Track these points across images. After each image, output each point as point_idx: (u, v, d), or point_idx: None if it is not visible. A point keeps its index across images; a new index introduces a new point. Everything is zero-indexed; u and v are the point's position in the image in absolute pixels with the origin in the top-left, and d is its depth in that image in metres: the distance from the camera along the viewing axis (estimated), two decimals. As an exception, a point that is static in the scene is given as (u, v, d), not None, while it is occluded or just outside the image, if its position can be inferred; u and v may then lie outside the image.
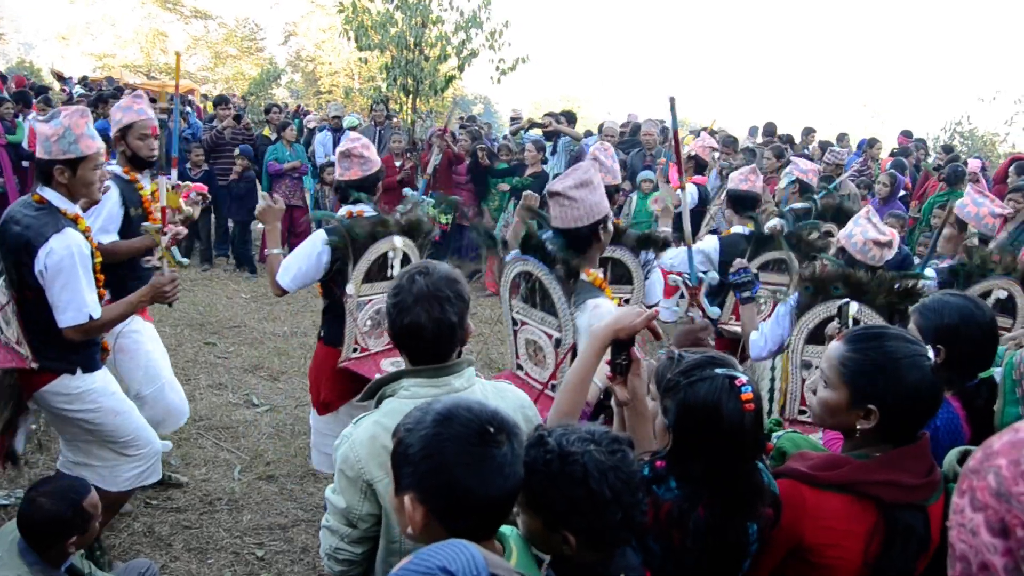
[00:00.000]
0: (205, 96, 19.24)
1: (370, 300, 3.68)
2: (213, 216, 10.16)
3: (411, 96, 11.29)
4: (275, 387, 6.07)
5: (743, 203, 4.80)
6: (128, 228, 3.88)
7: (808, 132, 12.82)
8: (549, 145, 9.97)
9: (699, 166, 7.53)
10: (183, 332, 7.19)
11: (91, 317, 3.09)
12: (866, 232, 3.42)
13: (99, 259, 3.29)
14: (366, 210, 3.75)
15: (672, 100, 3.11)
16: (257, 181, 10.15)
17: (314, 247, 3.56)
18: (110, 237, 3.81)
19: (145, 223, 3.70)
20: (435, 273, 1.95)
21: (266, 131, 10.77)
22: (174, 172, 4.02)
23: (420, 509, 1.41)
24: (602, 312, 2.74)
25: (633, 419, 1.95)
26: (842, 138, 13.16)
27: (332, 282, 3.61)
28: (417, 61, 10.97)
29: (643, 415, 1.93)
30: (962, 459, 1.88)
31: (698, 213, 7.15)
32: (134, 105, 3.95)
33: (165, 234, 3.40)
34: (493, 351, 7.19)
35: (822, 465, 1.81)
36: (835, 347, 1.85)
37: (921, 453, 1.79)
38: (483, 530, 1.44)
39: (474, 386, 1.99)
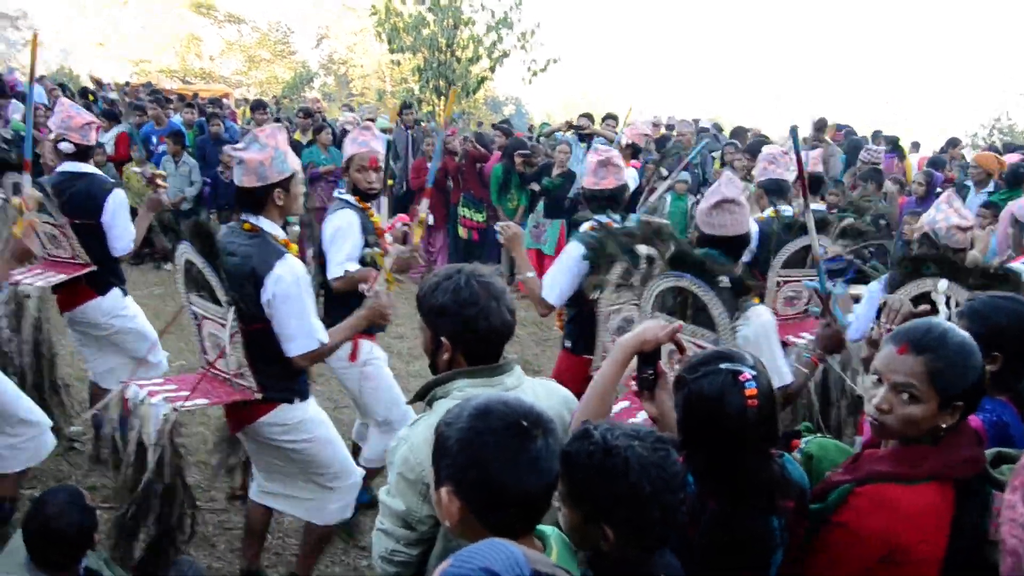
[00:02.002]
0: (245, 100, 19.39)
1: (618, 309, 3.68)
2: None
3: (443, 98, 11.33)
4: (313, 389, 6.10)
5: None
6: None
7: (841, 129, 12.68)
8: (584, 146, 9.96)
9: (634, 152, 8.08)
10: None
11: (321, 343, 3.05)
12: (949, 218, 3.51)
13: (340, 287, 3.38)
14: (614, 219, 3.81)
15: (794, 129, 3.15)
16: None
17: (569, 262, 3.64)
18: (355, 265, 3.77)
19: (365, 248, 3.69)
20: (482, 273, 1.97)
21: (297, 135, 10.86)
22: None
23: (456, 502, 1.43)
24: (764, 320, 2.81)
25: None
26: (876, 136, 12.95)
27: (581, 292, 3.64)
28: (449, 63, 11.01)
29: (671, 429, 1.90)
30: (993, 461, 1.86)
31: (637, 192, 7.24)
32: (359, 137, 3.97)
33: (388, 255, 3.39)
34: (528, 352, 7.22)
35: (905, 460, 1.78)
36: (909, 361, 1.75)
37: (967, 425, 1.81)
38: (520, 524, 1.46)
39: (524, 384, 2.00)
